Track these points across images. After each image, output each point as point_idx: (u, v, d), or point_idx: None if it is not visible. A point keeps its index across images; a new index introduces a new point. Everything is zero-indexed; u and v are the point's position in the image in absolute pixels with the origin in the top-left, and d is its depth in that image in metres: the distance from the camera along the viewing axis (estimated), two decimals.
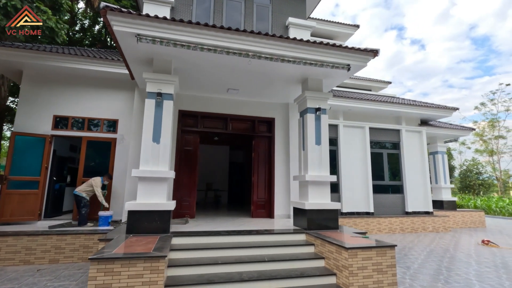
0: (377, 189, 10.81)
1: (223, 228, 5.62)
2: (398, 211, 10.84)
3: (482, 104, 31.96)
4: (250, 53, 5.08)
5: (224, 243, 4.84)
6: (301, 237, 5.39)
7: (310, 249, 5.04)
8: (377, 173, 11.02)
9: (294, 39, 5.18)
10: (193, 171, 7.49)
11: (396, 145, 11.42)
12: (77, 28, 15.44)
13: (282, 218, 7.46)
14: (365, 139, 10.81)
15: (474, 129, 12.57)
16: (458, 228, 11.77)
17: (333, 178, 5.90)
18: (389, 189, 11.05)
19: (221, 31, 4.91)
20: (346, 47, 5.45)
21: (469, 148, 35.44)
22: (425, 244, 8.20)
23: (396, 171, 11.26)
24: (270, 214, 7.68)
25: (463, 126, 12.63)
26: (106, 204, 6.42)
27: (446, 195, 12.55)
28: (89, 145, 7.34)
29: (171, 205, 4.91)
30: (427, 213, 11.03)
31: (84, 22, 15.47)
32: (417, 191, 11.13)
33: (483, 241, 8.35)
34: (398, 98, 12.31)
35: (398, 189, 11.12)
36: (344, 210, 10.01)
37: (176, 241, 4.78)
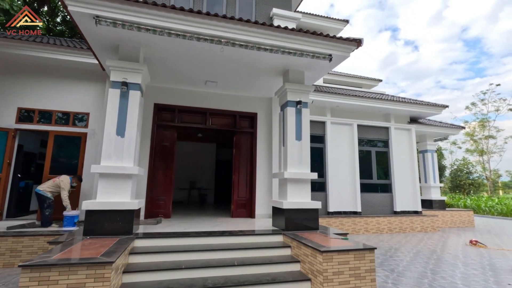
0: (365, 188, 10.53)
1: (197, 229, 5.23)
2: (387, 210, 10.58)
3: (473, 104, 32.16)
4: (222, 40, 4.69)
5: (192, 246, 4.46)
6: (278, 238, 5.03)
7: (286, 252, 4.68)
8: (365, 171, 10.73)
9: (271, 25, 4.81)
10: (169, 168, 7.07)
11: (385, 143, 11.15)
12: (58, 20, 14.83)
13: (264, 218, 7.10)
14: (353, 136, 10.51)
15: (463, 128, 12.40)
16: (447, 227, 11.57)
17: (314, 176, 5.55)
18: (377, 188, 10.79)
19: (190, 15, 4.51)
20: (328, 35, 5.10)
21: (460, 147, 35.68)
22: (412, 244, 7.93)
23: (385, 170, 11.00)
24: (251, 213, 7.31)
25: (453, 125, 12.45)
26: (69, 209, 5.91)
27: (435, 194, 12.36)
28: (57, 140, 6.86)
29: (135, 204, 4.50)
30: (416, 212, 10.80)
31: (65, 13, 14.85)
32: (406, 190, 10.89)
33: (471, 242, 8.11)
34: (387, 95, 12.07)
35: (387, 188, 10.86)
36: (330, 210, 9.70)
37: (139, 243, 4.37)
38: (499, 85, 30.09)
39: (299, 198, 5.45)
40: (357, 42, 5.27)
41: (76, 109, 7.03)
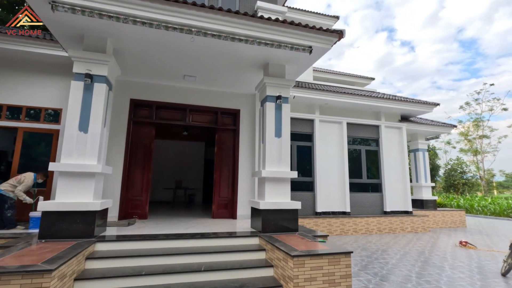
0: (354, 188, 10.28)
1: (170, 231, 4.93)
2: (376, 210, 10.34)
3: (467, 103, 32.10)
4: (193, 29, 4.38)
5: (158, 249, 4.15)
6: (254, 241, 4.74)
7: (261, 255, 4.39)
8: (354, 171, 10.48)
9: (245, 14, 4.51)
10: (147, 167, 6.74)
11: (375, 142, 10.92)
12: None
13: (246, 219, 6.80)
14: (343, 135, 10.26)
15: (455, 126, 12.21)
16: (438, 228, 11.36)
17: (294, 175, 5.27)
18: (367, 187, 10.54)
19: (157, 2, 4.19)
20: (307, 25, 4.82)
21: (454, 147, 35.64)
22: (401, 246, 7.69)
23: (375, 169, 10.76)
24: (232, 214, 7.01)
25: (445, 123, 12.25)
26: (29, 201, 5.51)
27: (427, 194, 12.15)
28: (27, 137, 6.51)
29: (97, 205, 4.17)
30: (406, 212, 10.57)
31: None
32: (396, 190, 10.66)
33: (460, 243, 7.89)
34: (378, 92, 11.83)
35: (377, 188, 10.63)
36: (318, 210, 9.43)
37: (100, 247, 4.05)
38: (492, 84, 30.07)
39: (278, 198, 5.16)
40: (338, 34, 4.99)
41: (48, 104, 6.68)
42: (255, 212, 5.30)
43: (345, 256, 3.58)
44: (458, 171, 28.79)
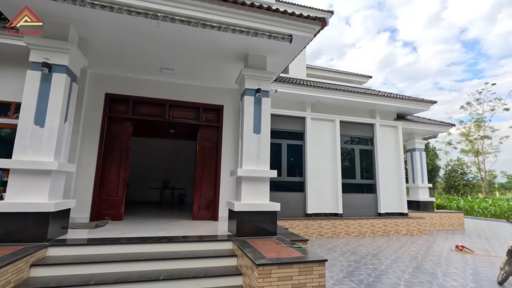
0: (347, 189, 9.88)
1: (140, 234, 4.57)
2: (370, 212, 9.94)
3: (468, 103, 31.59)
4: (159, 14, 4.01)
5: (117, 255, 3.77)
6: (227, 245, 4.36)
7: (232, 262, 4.01)
8: (347, 171, 10.09)
9: None
10: (123, 165, 6.38)
11: (370, 141, 10.52)
12: None
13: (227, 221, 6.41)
14: (335, 133, 9.87)
15: (453, 125, 11.77)
16: (435, 230, 10.94)
17: (273, 174, 4.88)
18: (360, 188, 10.14)
19: None
20: (285, 11, 4.44)
21: (456, 148, 35.13)
22: (393, 250, 7.28)
23: (369, 169, 10.35)
24: (214, 216, 6.64)
25: (442, 122, 11.82)
26: None
27: (423, 195, 11.72)
28: None
29: (51, 205, 3.80)
30: (401, 214, 10.16)
31: None
32: (391, 190, 10.25)
33: (457, 247, 7.47)
34: (373, 90, 11.42)
35: (371, 189, 10.22)
36: (309, 211, 9.04)
37: (53, 252, 3.69)
38: (494, 84, 29.55)
39: (256, 199, 4.77)
40: (321, 21, 4.61)
41: (19, 98, 6.32)
42: (231, 214, 4.92)
43: (319, 264, 3.19)
44: (459, 172, 28.28)
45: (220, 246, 4.31)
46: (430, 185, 12.00)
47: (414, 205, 11.79)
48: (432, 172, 27.78)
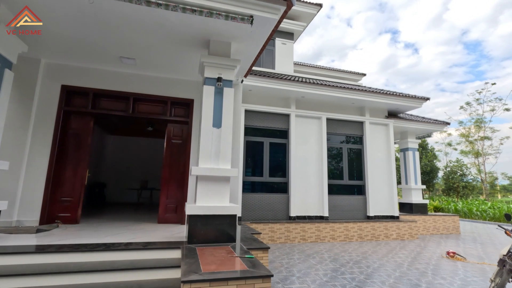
0: (334, 190, 9.33)
1: (84, 240, 4.04)
2: (359, 215, 9.38)
3: (467, 103, 30.96)
4: None
5: (38, 266, 3.24)
6: (176, 254, 3.82)
7: (176, 274, 3.47)
8: (334, 171, 9.55)
9: None
10: (81, 164, 5.86)
11: (359, 139, 9.97)
12: None
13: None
14: (322, 131, 9.33)
15: (448, 123, 11.20)
16: (428, 234, 10.35)
17: (234, 173, 4.35)
18: (348, 190, 9.59)
19: None
20: None
21: (456, 149, 34.48)
22: (379, 256, 6.72)
23: (358, 169, 9.80)
24: (181, 219, 6.10)
25: (437, 120, 11.25)
26: None
27: (417, 197, 11.14)
28: None
29: None
30: (392, 217, 9.59)
31: None
32: (382, 192, 9.69)
33: (448, 253, 6.90)
34: (363, 86, 10.88)
35: (359, 190, 9.67)
36: (292, 214, 8.49)
37: None
38: (494, 84, 28.92)
39: (213, 201, 4.24)
40: (286, 0, 4.08)
41: None
42: (187, 218, 4.39)
43: (263, 281, 2.65)
44: (458, 174, 27.65)
45: (166, 254, 3.77)
46: (424, 187, 11.41)
47: (406, 208, 11.21)
48: (431, 173, 27.15)
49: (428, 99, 9.96)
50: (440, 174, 30.02)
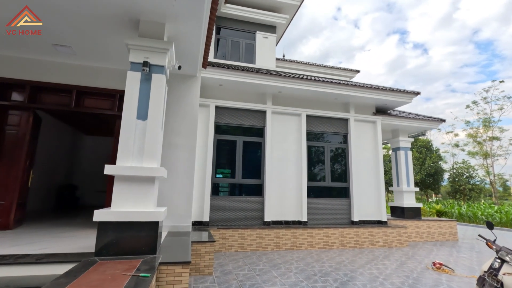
0: (314, 193, 8.61)
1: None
2: (342, 220, 8.61)
3: (474, 102, 29.68)
4: None
5: None
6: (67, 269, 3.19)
7: None
8: (315, 172, 8.82)
9: None
10: (16, 164, 5.32)
11: (343, 138, 9.23)
12: None
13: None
14: (301, 129, 8.64)
15: (444, 120, 10.33)
16: (421, 241, 9.48)
17: (161, 172, 3.71)
18: (331, 192, 8.84)
19: None
20: None
21: (463, 150, 33.11)
22: (355, 267, 5.96)
23: (342, 170, 9.04)
24: None
25: (431, 117, 10.40)
26: None
27: (409, 201, 10.27)
28: None
29: None
30: (379, 222, 8.79)
31: None
32: (368, 195, 8.92)
33: (434, 264, 6.10)
34: (348, 81, 10.14)
35: (343, 193, 8.91)
36: (267, 219, 7.80)
37: None
38: (502, 81, 27.63)
39: (135, 205, 3.60)
40: None
41: None
42: None
43: None
44: (465, 176, 26.39)
45: (60, 270, 3.13)
46: (417, 189, 10.54)
47: (398, 212, 10.36)
48: (435, 175, 26.00)
49: (418, 93, 9.15)
50: (446, 176, 28.78)
